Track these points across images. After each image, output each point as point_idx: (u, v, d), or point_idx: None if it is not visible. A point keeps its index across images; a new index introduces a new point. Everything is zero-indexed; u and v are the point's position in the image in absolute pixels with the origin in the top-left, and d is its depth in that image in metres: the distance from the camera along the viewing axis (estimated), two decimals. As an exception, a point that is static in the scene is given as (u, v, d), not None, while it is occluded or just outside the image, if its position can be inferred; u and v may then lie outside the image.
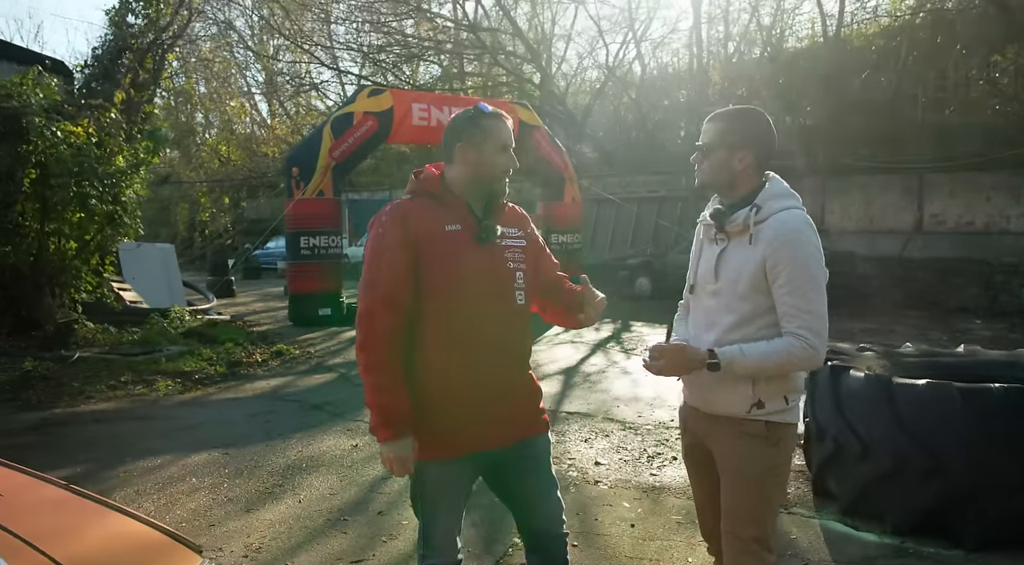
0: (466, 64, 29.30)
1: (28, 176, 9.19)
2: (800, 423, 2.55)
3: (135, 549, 2.10)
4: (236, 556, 4.01)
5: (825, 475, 4.56)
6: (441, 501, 2.53)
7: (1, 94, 8.51)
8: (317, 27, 30.35)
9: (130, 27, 14.26)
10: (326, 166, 13.76)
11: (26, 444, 6.19)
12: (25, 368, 8.89)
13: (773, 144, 2.48)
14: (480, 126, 2.48)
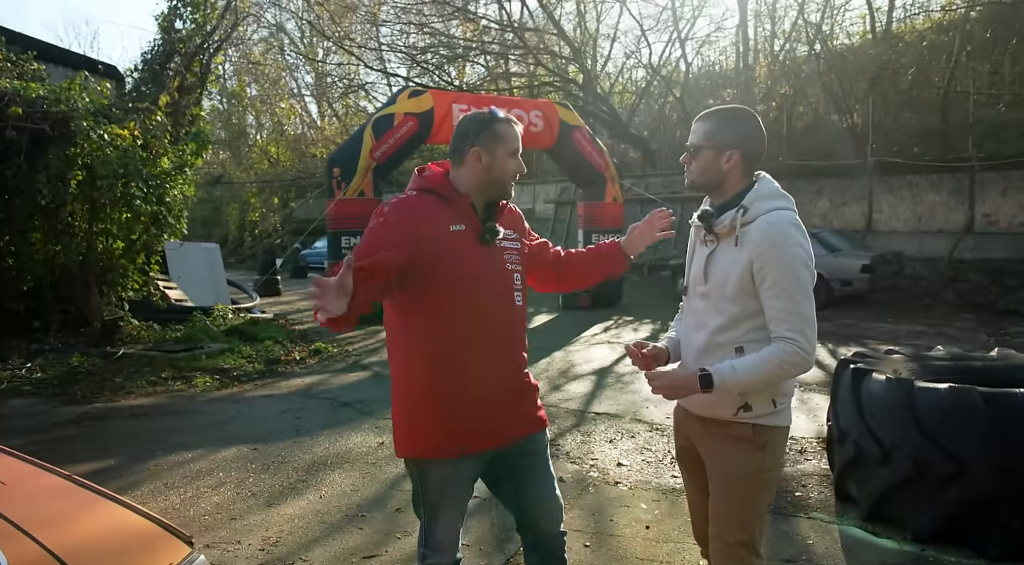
0: (512, 64, 29.39)
1: (75, 178, 9.46)
2: (790, 424, 2.50)
3: (126, 538, 2.16)
4: (252, 549, 4.09)
5: (846, 479, 4.47)
6: (443, 500, 2.55)
7: (50, 99, 8.79)
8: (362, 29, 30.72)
9: (178, 32, 14.59)
10: (367, 167, 13.91)
11: (66, 437, 6.39)
12: (72, 364, 9.18)
13: (762, 143, 2.44)
14: (493, 131, 2.49)
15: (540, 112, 15.13)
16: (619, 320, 13.58)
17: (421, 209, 2.45)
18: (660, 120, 24.68)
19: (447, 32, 26.71)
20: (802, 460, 5.46)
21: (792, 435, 6.01)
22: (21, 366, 9.00)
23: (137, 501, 4.79)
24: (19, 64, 10.38)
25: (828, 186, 18.01)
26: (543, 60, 25.04)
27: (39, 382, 8.41)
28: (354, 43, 28.72)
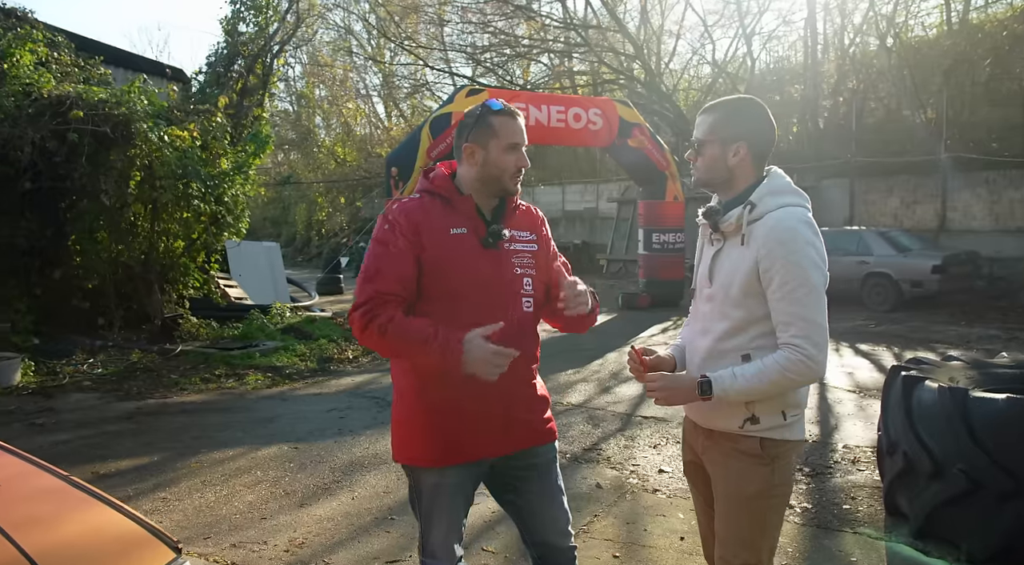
0: (575, 62, 29.21)
1: (134, 178, 9.69)
2: (803, 438, 2.32)
3: (107, 541, 2.11)
4: (278, 550, 4.06)
5: (896, 493, 4.22)
6: (436, 508, 2.45)
7: (111, 102, 9.01)
8: (426, 30, 30.95)
9: (241, 35, 14.86)
10: (424, 166, 13.89)
11: (116, 432, 6.51)
12: (131, 360, 9.41)
13: (771, 135, 2.27)
14: (487, 124, 2.36)
15: (599, 110, 14.93)
16: (678, 321, 13.31)
17: (421, 213, 2.36)
18: (725, 117, 24.14)
19: (509, 31, 26.67)
20: (854, 470, 5.20)
21: (846, 443, 5.76)
22: (84, 362, 9.26)
23: (173, 498, 4.86)
24: (86, 69, 10.68)
25: (899, 184, 17.35)
26: (605, 58, 24.77)
27: (99, 378, 8.63)
28: (416, 44, 28.91)
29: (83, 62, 10.78)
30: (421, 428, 2.40)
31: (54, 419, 6.91)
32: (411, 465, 2.45)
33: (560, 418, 6.79)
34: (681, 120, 21.74)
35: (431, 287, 2.34)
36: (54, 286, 10.27)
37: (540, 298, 2.52)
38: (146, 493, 4.96)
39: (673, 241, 15.54)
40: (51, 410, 7.24)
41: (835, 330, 9.42)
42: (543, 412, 2.54)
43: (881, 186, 17.56)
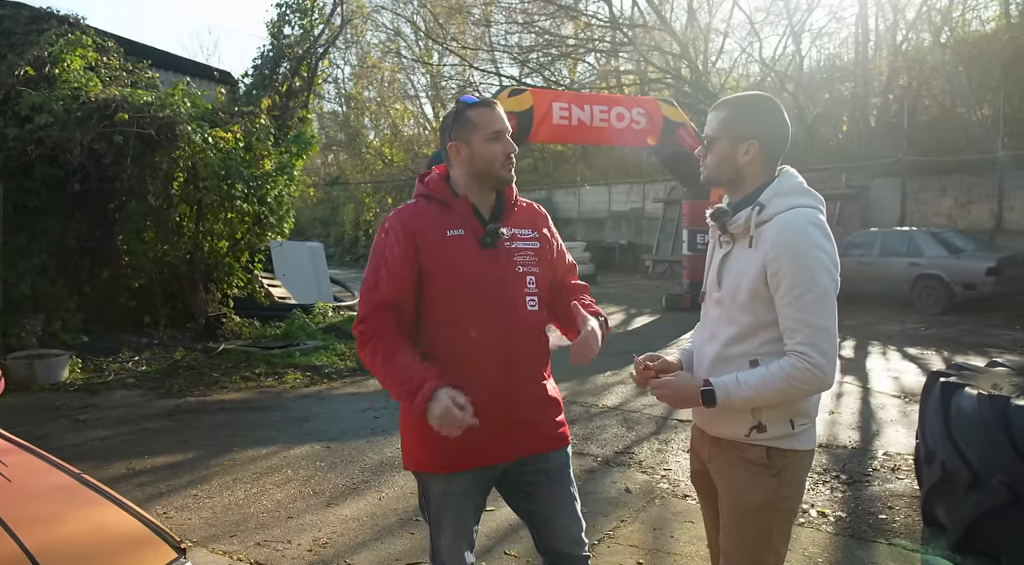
0: (621, 62, 29.02)
1: (177, 179, 9.87)
2: (814, 447, 2.23)
3: (109, 540, 2.12)
4: (301, 549, 4.07)
5: (933, 503, 4.07)
6: (444, 515, 2.41)
7: (156, 105, 9.18)
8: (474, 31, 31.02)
9: (286, 38, 15.06)
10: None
11: (155, 429, 6.62)
12: (175, 358, 9.57)
13: (784, 134, 2.18)
14: (464, 119, 2.35)
15: (642, 109, 14.78)
16: (720, 323, 13.10)
17: (415, 219, 2.35)
18: (772, 116, 23.73)
19: (555, 31, 26.60)
20: (893, 479, 5.04)
21: (887, 451, 5.60)
22: (129, 359, 9.46)
23: (204, 495, 4.91)
24: (134, 72, 10.91)
25: (953, 183, 16.84)
26: (651, 57, 24.55)
27: (142, 375, 8.79)
28: (459, 44, 29.00)
29: (131, 66, 11.01)
30: (426, 434, 2.34)
31: (97, 415, 7.05)
32: (418, 471, 2.43)
33: (594, 420, 6.72)
34: (728, 119, 21.42)
35: (432, 289, 2.33)
36: (102, 285, 10.51)
37: (546, 296, 2.47)
38: (178, 490, 5.02)
39: (718, 242, 15.29)
40: (95, 406, 7.40)
41: (883, 333, 9.21)
42: (554, 415, 2.48)
43: (934, 185, 17.07)
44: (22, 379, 8.08)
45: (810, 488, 4.87)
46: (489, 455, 2.37)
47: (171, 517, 4.54)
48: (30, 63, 9.18)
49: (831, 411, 6.88)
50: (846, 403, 7.21)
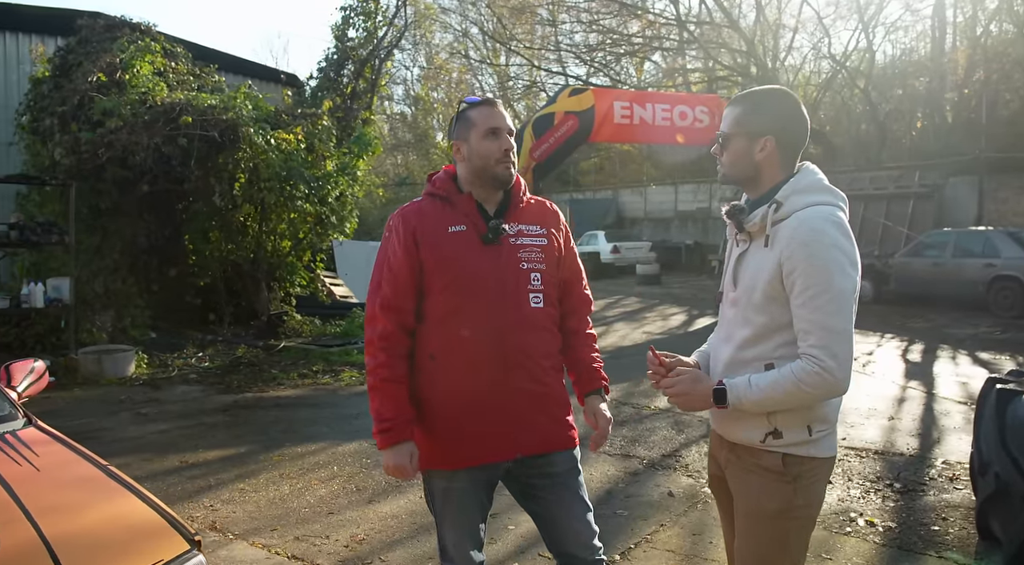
0: (689, 60, 28.68)
1: (239, 180, 10.12)
2: (833, 455, 2.13)
3: (125, 530, 2.18)
4: (338, 545, 4.12)
5: (988, 516, 3.88)
6: (447, 513, 2.42)
7: (219, 108, 9.43)
8: (540, 30, 31.04)
9: (350, 41, 15.33)
10: (526, 166, 13.95)
11: (211, 423, 6.79)
12: (236, 355, 9.82)
13: (801, 129, 2.09)
14: (464, 118, 2.40)
15: (705, 108, 14.59)
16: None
17: (417, 217, 2.38)
18: (843, 113, 23.10)
19: (618, 29, 26.40)
20: (950, 489, 4.83)
21: (946, 459, 5.40)
22: (193, 355, 9.74)
23: (250, 489, 5.01)
24: (201, 77, 11.23)
25: (1035, 181, 16.13)
26: (716, 54, 24.16)
27: (205, 371, 9.04)
28: (522, 44, 29.04)
29: (199, 70, 11.34)
30: (427, 432, 2.37)
31: (157, 409, 7.28)
32: (421, 468, 2.43)
33: (644, 423, 6.64)
34: (797, 117, 20.92)
35: (433, 284, 2.34)
36: (170, 283, 10.87)
37: (552, 293, 2.45)
38: (226, 483, 5.13)
39: (782, 242, 14.96)
40: (157, 400, 7.64)
41: (954, 337, 8.88)
42: (560, 415, 2.45)
43: (1014, 183, 16.37)
44: (91, 373, 8.40)
45: (860, 496, 4.71)
46: (489, 453, 2.35)
47: (217, 510, 4.64)
48: (102, 69, 9.54)
49: (891, 416, 6.65)
50: (908, 408, 6.96)
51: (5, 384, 3.04)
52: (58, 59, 10.59)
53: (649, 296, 18.72)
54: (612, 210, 31.63)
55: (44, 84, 10.36)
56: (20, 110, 10.56)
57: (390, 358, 2.34)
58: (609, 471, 5.36)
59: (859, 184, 18.99)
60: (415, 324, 2.38)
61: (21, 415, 2.77)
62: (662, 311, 15.40)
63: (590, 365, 2.55)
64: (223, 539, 4.20)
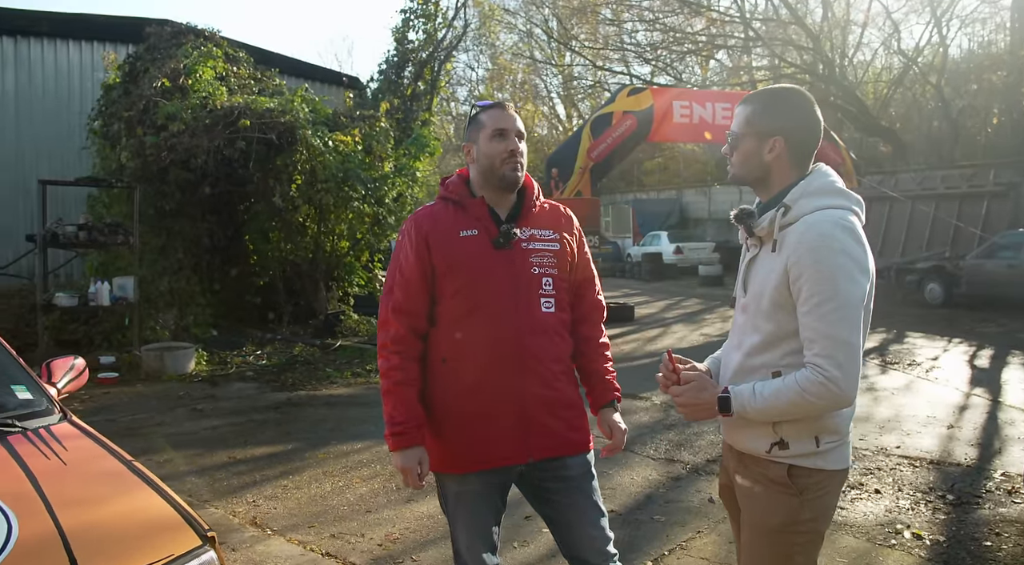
0: (754, 58, 28.15)
1: (295, 182, 10.32)
2: (845, 468, 2.04)
3: (139, 524, 2.23)
4: (372, 544, 4.16)
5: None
6: (460, 515, 2.43)
7: (277, 111, 9.64)
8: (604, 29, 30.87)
9: (409, 43, 15.50)
10: (584, 167, 13.92)
11: (262, 420, 6.94)
12: (293, 353, 10.01)
13: (813, 129, 2.02)
14: (475, 121, 2.42)
15: (765, 106, 14.31)
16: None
17: (430, 221, 2.40)
18: (915, 109, 22.34)
19: (687, 28, 26.09)
20: (1007, 503, 4.63)
21: (1006, 471, 5.21)
22: (252, 353, 9.96)
23: (293, 486, 5.10)
24: (262, 80, 11.49)
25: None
26: (780, 52, 23.67)
27: (261, 369, 9.24)
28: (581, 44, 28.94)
29: (260, 74, 11.60)
30: (438, 435, 2.39)
31: (213, 405, 7.47)
32: (434, 471, 2.44)
33: (691, 427, 6.53)
34: (865, 115, 20.36)
35: (445, 288, 2.36)
36: (231, 283, 11.15)
37: (564, 298, 2.45)
38: (270, 480, 5.23)
39: (847, 243, 14.59)
40: (213, 397, 7.84)
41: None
42: (571, 419, 2.43)
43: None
44: (153, 369, 8.66)
45: (909, 508, 4.55)
46: (500, 457, 2.35)
47: (259, 506, 4.74)
48: (167, 75, 9.84)
49: (950, 424, 6.41)
50: (970, 417, 6.70)
51: (46, 380, 3.14)
52: (127, 66, 10.97)
53: (710, 298, 18.45)
54: (676, 210, 31.27)
55: (114, 90, 10.74)
56: (92, 115, 10.97)
57: (402, 361, 2.36)
58: (651, 475, 5.29)
59: (930, 183, 18.38)
60: (428, 327, 2.40)
61: (57, 411, 2.86)
62: (722, 313, 15.14)
63: (603, 376, 2.54)
64: (261, 534, 4.28)
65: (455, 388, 2.35)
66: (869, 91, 24.15)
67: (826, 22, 23.67)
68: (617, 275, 26.08)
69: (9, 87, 11.48)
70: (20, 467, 2.39)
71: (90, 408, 7.31)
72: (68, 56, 12.06)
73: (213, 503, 4.79)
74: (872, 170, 19.19)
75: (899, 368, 9.08)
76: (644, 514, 4.55)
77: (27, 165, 10.92)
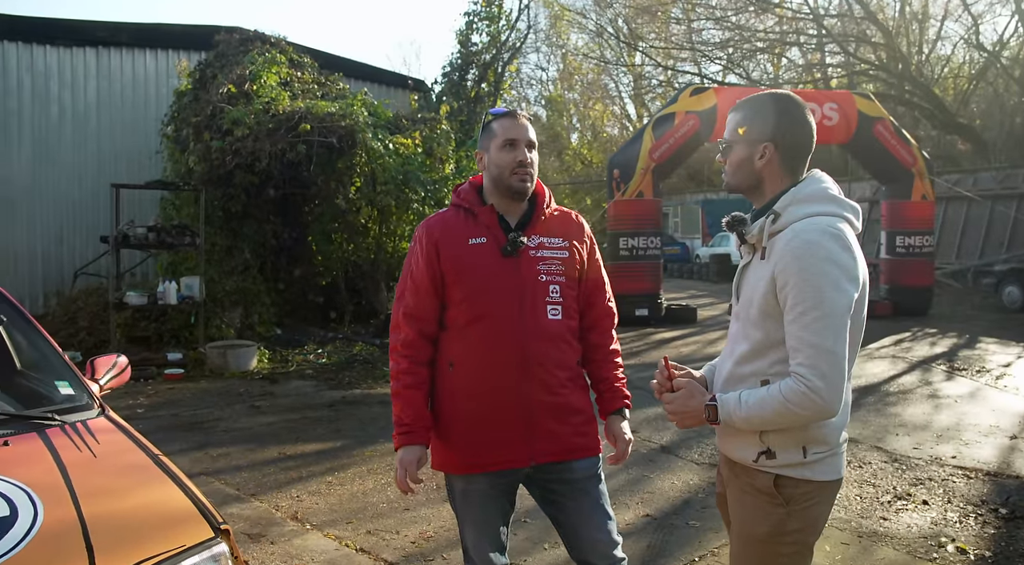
0: (827, 55, 27.44)
1: (354, 184, 10.53)
2: (835, 479, 1.99)
3: (157, 515, 2.34)
4: (405, 541, 4.24)
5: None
6: (467, 515, 2.49)
7: (337, 115, 9.86)
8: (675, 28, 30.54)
9: (473, 45, 15.63)
10: (646, 167, 13.81)
11: (316, 418, 7.11)
12: (353, 352, 10.22)
13: (801, 135, 1.99)
14: (488, 129, 2.45)
15: (835, 104, 13.97)
16: (918, 332, 12.08)
17: (440, 228, 2.44)
18: (996, 105, 21.42)
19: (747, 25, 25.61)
20: (1063, 516, 4.44)
21: (1066, 484, 4.95)
22: (313, 352, 10.21)
23: (336, 482, 5.23)
24: (325, 85, 11.76)
25: None
26: (858, 49, 23.01)
27: (321, 367, 9.46)
28: (648, 44, 28.69)
29: (324, 78, 11.87)
30: (444, 437, 2.45)
31: (270, 402, 7.69)
32: (441, 471, 2.50)
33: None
34: (943, 112, 19.64)
35: (454, 295, 2.41)
36: (295, 282, 11.43)
37: (572, 306, 2.47)
38: (315, 476, 5.37)
39: (920, 244, 14.15)
40: (271, 394, 8.07)
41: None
42: (577, 424, 2.45)
43: None
44: (217, 366, 8.97)
45: (957, 521, 4.41)
46: (504, 460, 2.39)
47: (302, 500, 4.87)
48: (233, 81, 10.16)
49: (1013, 435, 6.18)
50: (1037, 427, 6.44)
51: (89, 377, 3.30)
52: (198, 73, 11.36)
53: (777, 300, 18.05)
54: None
55: (185, 96, 11.14)
56: (165, 121, 11.40)
57: (411, 365, 2.43)
58: (692, 480, 5.25)
59: (1012, 182, 17.64)
60: (438, 332, 2.45)
61: (96, 406, 3.01)
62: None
63: (612, 384, 2.57)
64: (300, 529, 4.41)
65: (461, 392, 2.40)
66: (948, 87, 23.29)
67: (902, 16, 22.94)
68: (685, 276, 25.76)
69: (92, 98, 12.00)
70: (53, 458, 2.52)
71: (156, 403, 7.62)
72: (145, 64, 12.54)
73: (259, 497, 4.94)
74: (949, 169, 18.54)
75: (966, 375, 8.77)
76: (679, 519, 4.51)
77: (108, 170, 11.40)
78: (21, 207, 11.28)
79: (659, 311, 13.71)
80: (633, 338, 12.14)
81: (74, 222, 11.62)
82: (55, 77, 11.68)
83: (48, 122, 11.62)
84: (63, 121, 11.73)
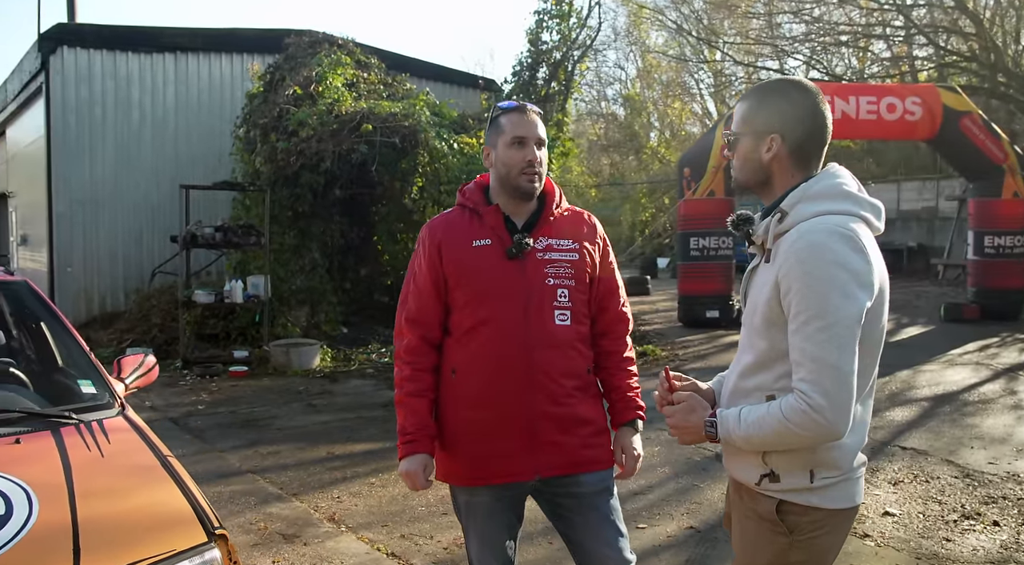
0: (916, 47, 26.29)
1: (417, 184, 10.55)
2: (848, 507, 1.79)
3: (153, 517, 2.32)
4: (439, 546, 4.18)
5: None
6: (470, 525, 2.43)
7: (400, 115, 9.90)
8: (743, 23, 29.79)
9: (543, 44, 15.52)
10: (717, 166, 13.45)
11: (370, 417, 7.13)
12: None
13: (814, 125, 1.81)
14: (496, 124, 2.33)
15: (918, 98, 13.32)
16: (1007, 338, 11.41)
17: (444, 229, 2.36)
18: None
19: (825, 18, 24.75)
20: None
21: None
22: (376, 351, 10.27)
23: (379, 484, 5.20)
24: (392, 85, 11.84)
25: None
26: (943, 40, 21.96)
27: (382, 366, 9.50)
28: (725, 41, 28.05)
29: (391, 79, 11.95)
30: (447, 447, 2.38)
31: (327, 401, 7.75)
32: (445, 482, 2.43)
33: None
34: (1041, 104, 18.54)
35: (457, 299, 2.32)
36: (361, 281, 11.54)
37: (582, 311, 2.34)
38: (359, 477, 5.36)
39: (1011, 245, 13.37)
40: (329, 393, 8.14)
41: None
42: (586, 436, 2.33)
43: None
44: (280, 364, 9.11)
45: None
46: (508, 473, 2.30)
47: (341, 502, 4.86)
48: (299, 83, 10.31)
49: (1102, 451, 5.73)
50: None
51: (115, 376, 3.33)
52: (268, 75, 11.58)
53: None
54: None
55: (256, 98, 11.36)
56: (237, 123, 11.66)
57: (415, 372, 2.35)
58: (743, 491, 5.02)
59: (1119, 179, 16.48)
60: (442, 337, 2.37)
61: (117, 405, 3.03)
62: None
63: (625, 393, 2.43)
64: (334, 530, 4.39)
65: (463, 400, 2.32)
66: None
67: (997, 4, 21.75)
68: (761, 278, 25.10)
69: (170, 102, 12.38)
70: (60, 457, 2.53)
71: (217, 399, 7.77)
72: (220, 69, 12.88)
73: (300, 497, 4.95)
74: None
75: (1057, 384, 8.22)
76: (724, 533, 4.29)
77: (185, 172, 11.70)
78: (105, 210, 11.73)
79: (730, 313, 13.33)
80: (702, 341, 11.85)
81: (152, 224, 12.00)
82: (136, 83, 12.09)
83: (130, 128, 12.04)
84: (143, 126, 12.13)
